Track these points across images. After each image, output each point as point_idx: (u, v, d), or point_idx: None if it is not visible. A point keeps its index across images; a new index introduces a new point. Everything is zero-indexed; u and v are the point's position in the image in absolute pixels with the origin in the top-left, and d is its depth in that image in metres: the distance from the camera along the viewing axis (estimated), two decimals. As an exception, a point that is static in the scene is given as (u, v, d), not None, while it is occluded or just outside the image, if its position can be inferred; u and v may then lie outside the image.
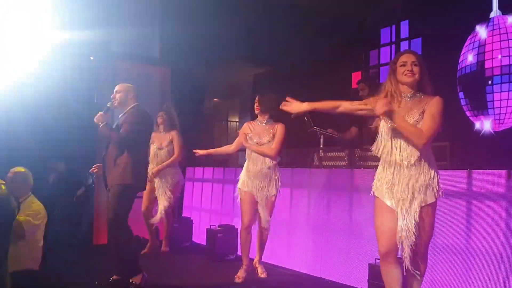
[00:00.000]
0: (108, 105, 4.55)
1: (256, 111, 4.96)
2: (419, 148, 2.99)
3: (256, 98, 4.98)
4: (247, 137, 4.90)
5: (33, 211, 4.12)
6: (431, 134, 2.97)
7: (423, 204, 3.02)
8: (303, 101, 3.57)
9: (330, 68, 8.91)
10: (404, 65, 3.12)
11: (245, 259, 4.88)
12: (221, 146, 5.58)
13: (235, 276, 4.82)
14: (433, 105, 3.01)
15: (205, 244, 6.13)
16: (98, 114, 4.40)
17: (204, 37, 9.13)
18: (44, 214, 4.26)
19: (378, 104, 3.02)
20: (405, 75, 3.11)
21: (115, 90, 4.57)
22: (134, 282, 4.22)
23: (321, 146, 5.68)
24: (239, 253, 5.87)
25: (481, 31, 5.22)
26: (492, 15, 5.40)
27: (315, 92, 8.71)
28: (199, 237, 6.82)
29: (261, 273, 4.98)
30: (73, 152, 8.51)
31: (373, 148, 3.20)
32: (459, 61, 5.38)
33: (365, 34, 8.95)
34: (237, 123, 14.24)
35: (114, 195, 4.23)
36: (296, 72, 9.94)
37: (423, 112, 3.02)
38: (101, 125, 4.35)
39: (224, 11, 8.51)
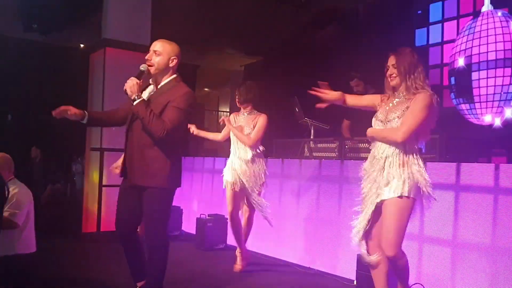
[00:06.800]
0: (141, 69, 3.35)
1: (237, 104, 4.93)
2: (398, 144, 3.01)
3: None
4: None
5: (16, 201, 3.99)
6: (407, 129, 2.96)
7: (380, 199, 3.04)
8: (292, 91, 3.60)
9: (321, 57, 8.91)
10: (388, 69, 3.18)
11: (239, 247, 4.93)
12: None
13: (234, 265, 4.88)
14: (415, 101, 3.01)
15: (194, 233, 6.15)
16: (132, 83, 3.23)
17: (195, 26, 9.12)
18: (27, 197, 4.12)
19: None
20: (388, 78, 3.18)
21: (153, 49, 3.38)
22: None
23: (312, 137, 5.70)
24: (228, 242, 5.91)
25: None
26: (483, 9, 5.45)
27: (305, 82, 8.75)
28: (189, 226, 6.83)
29: (238, 264, 4.93)
30: (61, 140, 8.51)
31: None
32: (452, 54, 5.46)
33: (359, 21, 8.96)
34: (228, 113, 14.23)
35: (153, 200, 3.35)
36: (286, 62, 9.95)
37: (407, 108, 3.03)
38: (137, 100, 3.20)
39: (216, 1, 8.48)
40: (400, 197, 2.96)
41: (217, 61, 12.36)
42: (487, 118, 5.20)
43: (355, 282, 4.25)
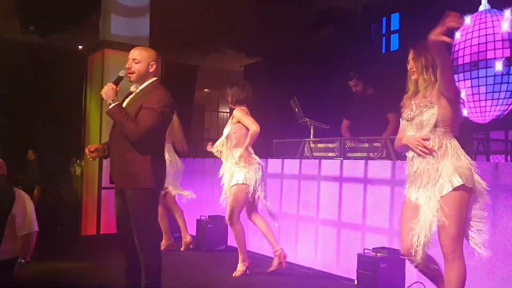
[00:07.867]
0: (121, 74, 3.44)
1: (229, 104, 4.95)
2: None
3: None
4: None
5: (29, 210, 3.94)
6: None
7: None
8: (292, 92, 3.53)
9: (317, 58, 8.92)
10: (408, 63, 3.08)
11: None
12: (210, 136, 5.56)
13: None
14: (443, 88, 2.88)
15: (195, 234, 6.14)
16: (108, 88, 3.31)
17: (195, 28, 9.12)
18: (31, 202, 4.07)
19: None
20: (409, 71, 3.08)
21: (132, 57, 3.43)
22: None
23: (312, 137, 5.69)
24: (229, 243, 5.89)
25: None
26: (481, 8, 5.44)
27: (305, 82, 8.76)
28: (189, 227, 6.79)
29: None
30: (59, 142, 8.51)
31: None
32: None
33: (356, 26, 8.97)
34: (228, 113, 14.22)
35: (137, 202, 3.34)
36: (286, 63, 9.96)
37: (431, 103, 2.90)
38: (112, 104, 3.27)
39: (215, 2, 8.49)
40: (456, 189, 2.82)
41: (217, 62, 12.35)
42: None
43: (355, 282, 4.24)
